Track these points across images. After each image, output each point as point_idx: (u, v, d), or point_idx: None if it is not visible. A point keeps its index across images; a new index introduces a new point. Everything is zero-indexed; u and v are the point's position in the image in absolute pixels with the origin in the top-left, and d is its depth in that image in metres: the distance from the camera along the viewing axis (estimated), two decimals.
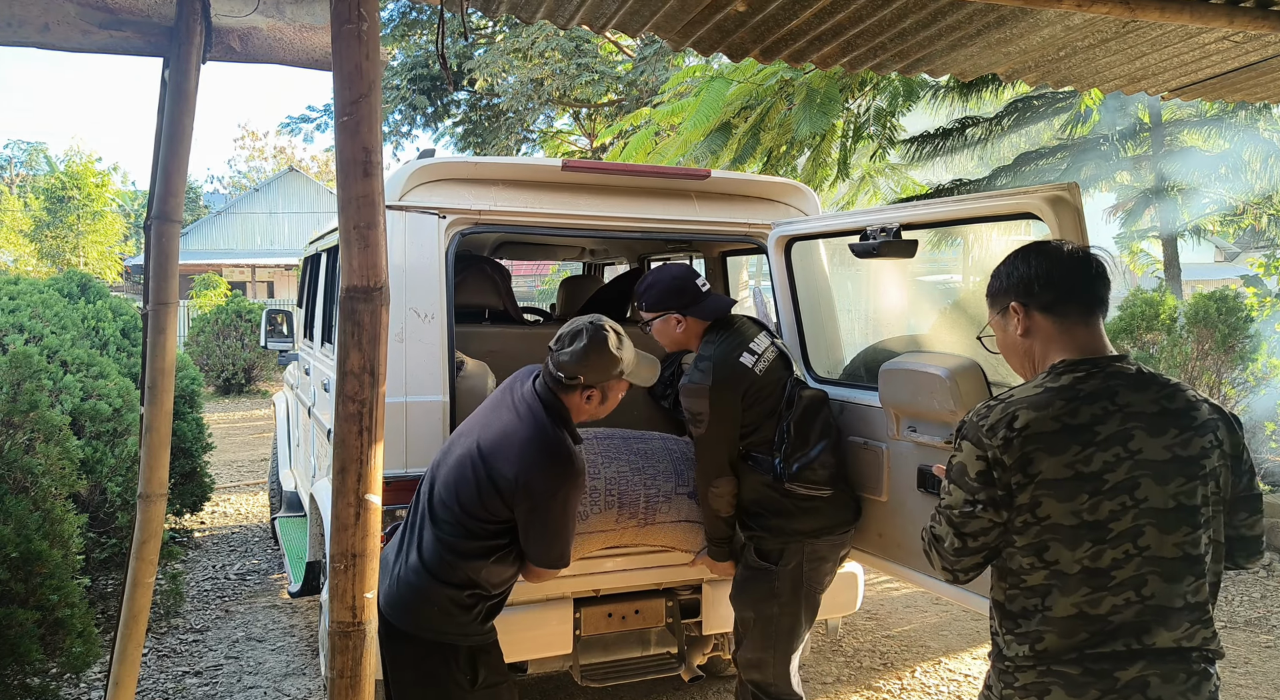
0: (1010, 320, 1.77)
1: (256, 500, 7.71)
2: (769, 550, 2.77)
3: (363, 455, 1.72)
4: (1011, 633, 1.68)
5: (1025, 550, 1.63)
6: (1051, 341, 1.72)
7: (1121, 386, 1.64)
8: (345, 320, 1.74)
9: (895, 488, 2.81)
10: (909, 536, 2.77)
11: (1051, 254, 1.75)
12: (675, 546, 3.06)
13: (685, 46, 2.71)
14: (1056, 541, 1.59)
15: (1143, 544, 1.58)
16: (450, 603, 2.30)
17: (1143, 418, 1.61)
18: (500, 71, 15.49)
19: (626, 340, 2.44)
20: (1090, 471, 1.58)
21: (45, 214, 20.18)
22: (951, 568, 1.74)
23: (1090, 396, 1.62)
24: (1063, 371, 1.67)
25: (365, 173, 1.74)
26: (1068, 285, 1.72)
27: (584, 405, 2.41)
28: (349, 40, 1.74)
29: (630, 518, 2.92)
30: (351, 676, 1.73)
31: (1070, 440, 1.59)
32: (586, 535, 2.86)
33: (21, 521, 3.13)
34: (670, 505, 2.96)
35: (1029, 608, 1.64)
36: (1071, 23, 2.53)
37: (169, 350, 2.24)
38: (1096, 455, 1.58)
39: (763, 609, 2.79)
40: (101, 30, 2.10)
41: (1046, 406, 1.62)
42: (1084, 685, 1.58)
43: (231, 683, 4.02)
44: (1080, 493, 1.58)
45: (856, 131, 7.95)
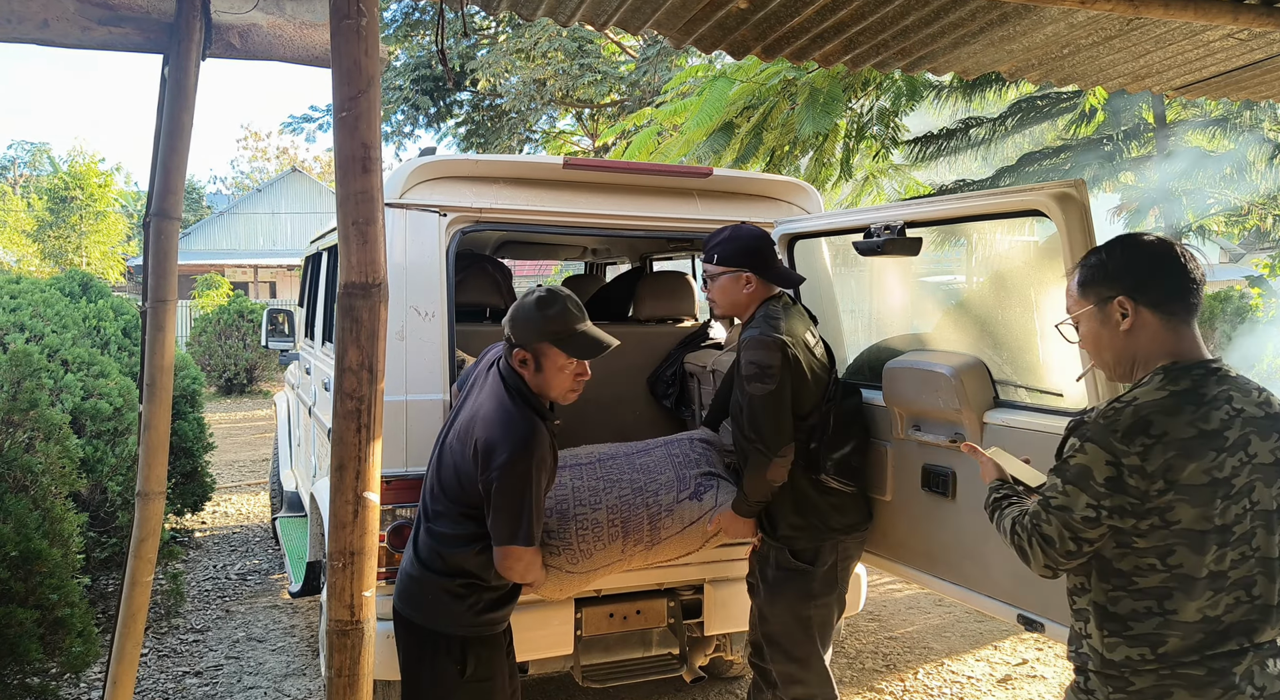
0: (1112, 314, 1.69)
1: (258, 500, 7.70)
2: (803, 550, 2.71)
3: (361, 452, 1.71)
4: (1119, 636, 1.64)
5: (1147, 553, 1.60)
6: (1157, 340, 1.67)
7: (1233, 390, 1.63)
8: (343, 316, 1.73)
9: (899, 487, 2.79)
10: (913, 536, 2.76)
11: (1158, 249, 1.69)
12: (682, 555, 2.94)
13: (687, 44, 2.70)
14: (1184, 546, 1.58)
15: (1255, 545, 1.60)
16: (442, 591, 2.31)
17: (1254, 422, 1.61)
18: (503, 72, 15.50)
19: (565, 306, 2.34)
20: (1222, 477, 1.58)
21: (48, 214, 20.22)
22: (1055, 566, 1.70)
23: (1214, 401, 1.60)
24: (1178, 375, 1.63)
25: (364, 168, 1.73)
26: (1176, 282, 1.66)
27: (531, 375, 2.34)
28: (348, 36, 1.73)
29: (636, 544, 2.79)
30: (350, 675, 1.72)
31: (1206, 446, 1.57)
32: (594, 573, 2.75)
33: (21, 520, 3.12)
34: (672, 517, 2.85)
35: (1141, 610, 1.62)
36: (1075, 20, 2.52)
37: (168, 348, 2.24)
38: (1227, 461, 1.58)
39: (800, 611, 2.73)
40: (101, 26, 2.09)
41: (1179, 412, 1.58)
42: (1207, 685, 1.58)
43: (232, 683, 4.01)
44: (1215, 498, 1.57)
45: (860, 131, 7.93)
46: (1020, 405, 2.50)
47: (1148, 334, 1.67)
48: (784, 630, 2.77)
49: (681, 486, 2.91)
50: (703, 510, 2.83)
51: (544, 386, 2.38)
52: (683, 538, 2.85)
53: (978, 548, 2.53)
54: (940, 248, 11.44)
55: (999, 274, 6.66)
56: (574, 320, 2.36)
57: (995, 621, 4.85)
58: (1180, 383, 1.62)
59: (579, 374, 2.41)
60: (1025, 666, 4.30)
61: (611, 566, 2.78)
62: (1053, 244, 3.08)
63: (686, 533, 2.85)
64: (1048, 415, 2.36)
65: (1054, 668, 4.30)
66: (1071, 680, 1.79)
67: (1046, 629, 2.31)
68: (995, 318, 3.59)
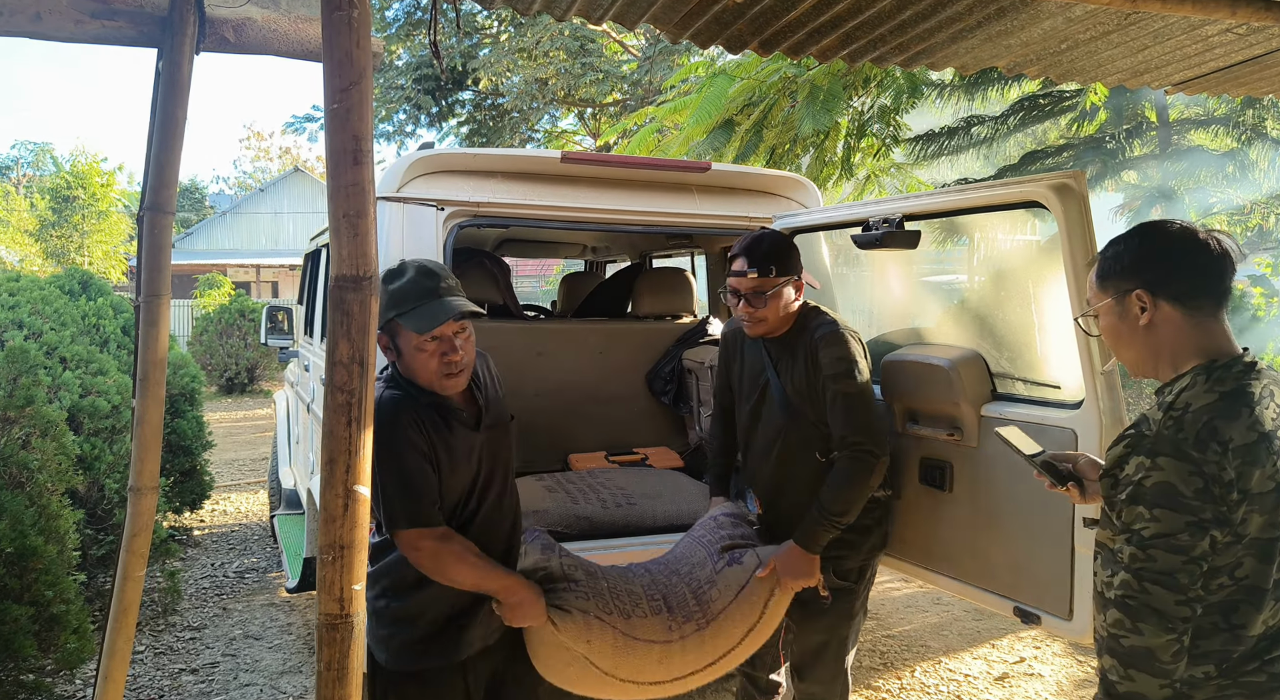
0: (1131, 308, 1.58)
1: (256, 499, 7.70)
2: (850, 569, 2.59)
3: (351, 446, 1.70)
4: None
5: (1220, 569, 1.47)
6: (1183, 336, 1.55)
7: (1273, 386, 1.53)
8: (334, 310, 1.72)
9: (898, 483, 2.78)
10: (912, 531, 2.75)
11: (1179, 236, 1.56)
12: (747, 632, 2.46)
13: (683, 38, 2.69)
14: (1251, 557, 1.46)
15: None
16: (370, 610, 2.12)
17: None
18: (505, 71, 15.50)
19: (412, 277, 2.11)
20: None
21: (50, 214, 20.24)
22: (1180, 619, 1.43)
23: (1261, 401, 1.49)
24: (1221, 374, 1.51)
25: (355, 161, 1.72)
26: (1200, 273, 1.54)
27: (398, 360, 2.13)
28: (339, 27, 1.72)
29: (686, 620, 2.39)
30: (339, 669, 1.71)
31: (1265, 450, 1.46)
32: (635, 644, 2.32)
33: (17, 517, 3.12)
34: (716, 588, 2.47)
35: (1207, 626, 1.49)
36: (1072, 14, 2.51)
37: (161, 343, 2.23)
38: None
39: (839, 631, 2.63)
40: (94, 20, 2.08)
41: (1236, 416, 1.46)
42: (1270, 691, 1.50)
43: (228, 680, 4.01)
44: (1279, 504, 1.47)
45: (860, 129, 7.92)
46: (1018, 398, 2.50)
47: (1171, 328, 1.56)
48: (820, 650, 2.65)
49: (715, 556, 2.57)
50: (747, 572, 2.47)
51: (411, 372, 2.11)
52: (740, 606, 2.43)
53: (974, 540, 2.52)
54: (941, 246, 11.43)
55: (999, 271, 6.65)
56: (421, 292, 2.08)
57: (993, 620, 4.83)
58: (1226, 383, 1.50)
59: (444, 353, 2.07)
60: (1023, 665, 4.29)
61: (660, 646, 2.31)
62: (1055, 241, 3.07)
63: (742, 599, 2.44)
64: (1045, 408, 2.36)
65: (1051, 666, 4.28)
66: None
67: (1043, 621, 2.30)
68: (994, 313, 3.58)
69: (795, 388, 2.54)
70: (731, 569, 2.50)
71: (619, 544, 3.17)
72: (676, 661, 2.35)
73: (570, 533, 3.17)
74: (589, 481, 3.57)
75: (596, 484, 3.53)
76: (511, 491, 2.36)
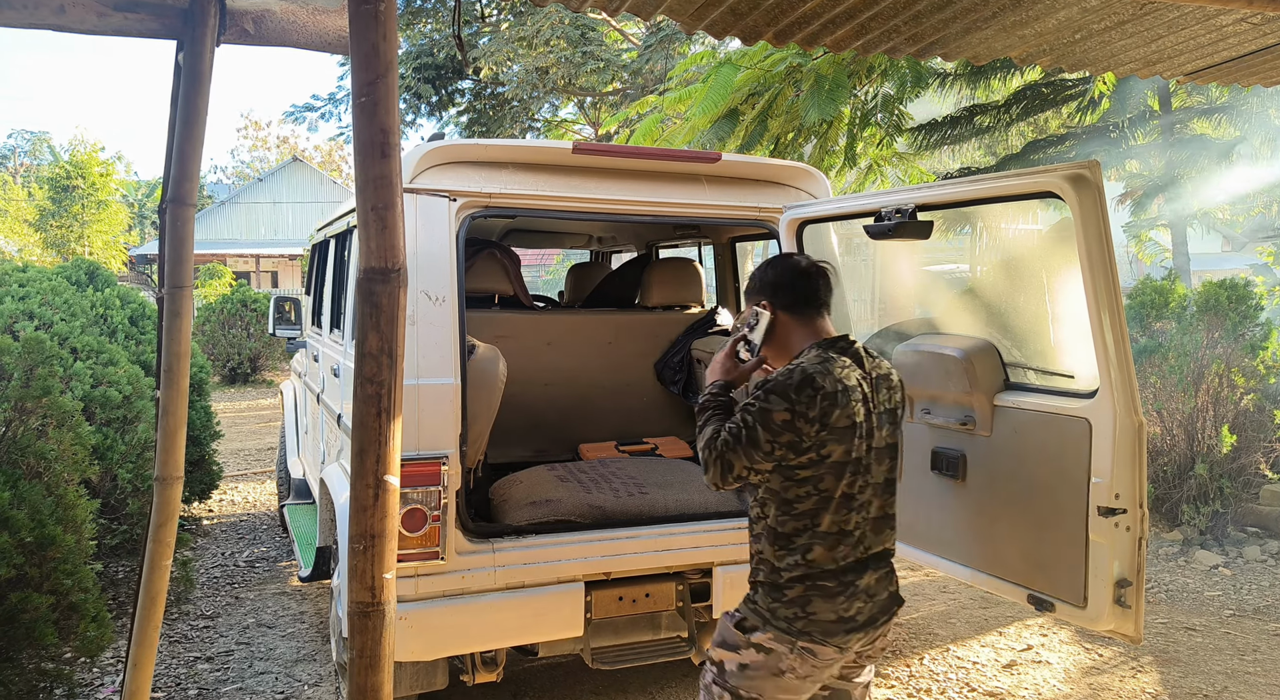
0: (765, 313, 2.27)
1: (264, 488, 7.73)
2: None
3: (381, 436, 1.73)
4: (784, 549, 2.13)
5: (804, 482, 2.05)
6: (798, 331, 2.21)
7: (858, 360, 2.15)
8: (363, 302, 1.74)
9: (908, 471, 2.80)
10: (921, 520, 2.77)
11: (786, 266, 2.23)
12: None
13: (698, 29, 2.69)
14: (830, 475, 2.04)
15: (873, 473, 2.11)
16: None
17: (874, 380, 2.14)
18: (505, 60, 15.44)
19: None
20: (859, 422, 2.06)
21: (50, 203, 20.21)
22: (725, 485, 2.14)
23: (849, 365, 2.11)
24: (826, 346, 2.13)
25: (383, 154, 1.74)
26: (802, 290, 2.22)
27: None
28: (366, 20, 1.73)
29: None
30: (371, 656, 1.74)
31: (845, 398, 2.03)
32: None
33: (35, 506, 3.15)
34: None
35: (799, 527, 2.08)
36: (1089, 4, 2.51)
37: (184, 334, 2.25)
38: (860, 408, 2.07)
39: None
40: (117, 12, 2.09)
41: (828, 373, 2.04)
42: (836, 594, 2.07)
43: (243, 668, 4.04)
44: (853, 437, 2.04)
45: (864, 118, 7.91)
46: (1031, 388, 2.52)
47: (787, 328, 2.20)
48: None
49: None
50: None
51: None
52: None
53: (988, 529, 2.55)
54: (944, 237, 11.43)
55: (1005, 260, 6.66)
56: None
57: (1000, 608, 4.87)
58: (828, 352, 2.10)
59: None
60: (1030, 652, 4.33)
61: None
62: (1061, 229, 3.08)
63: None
64: (1060, 397, 2.37)
65: (1059, 653, 4.32)
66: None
67: (1057, 608, 2.33)
68: (1003, 303, 3.59)
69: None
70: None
71: (632, 533, 3.20)
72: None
73: (584, 522, 3.20)
74: (600, 471, 3.60)
75: (608, 473, 3.56)
76: None
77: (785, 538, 2.07)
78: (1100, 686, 3.97)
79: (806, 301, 2.18)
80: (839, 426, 2.01)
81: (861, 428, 2.06)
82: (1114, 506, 2.17)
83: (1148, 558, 5.14)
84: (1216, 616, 4.82)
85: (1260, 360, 5.89)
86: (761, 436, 1.99)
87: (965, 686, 3.94)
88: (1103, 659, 4.26)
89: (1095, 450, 2.21)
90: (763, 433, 1.99)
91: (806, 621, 2.05)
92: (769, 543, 2.11)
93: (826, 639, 2.05)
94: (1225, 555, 5.69)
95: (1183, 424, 5.86)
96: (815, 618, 2.05)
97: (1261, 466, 5.86)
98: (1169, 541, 5.91)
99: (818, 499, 2.04)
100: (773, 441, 1.99)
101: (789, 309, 2.18)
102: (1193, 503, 5.83)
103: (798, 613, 2.05)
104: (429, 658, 2.97)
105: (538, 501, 3.28)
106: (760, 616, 2.10)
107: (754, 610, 2.12)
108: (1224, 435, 5.73)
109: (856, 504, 2.07)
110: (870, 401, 2.10)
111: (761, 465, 2.03)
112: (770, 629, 2.07)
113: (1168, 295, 6.45)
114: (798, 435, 1.99)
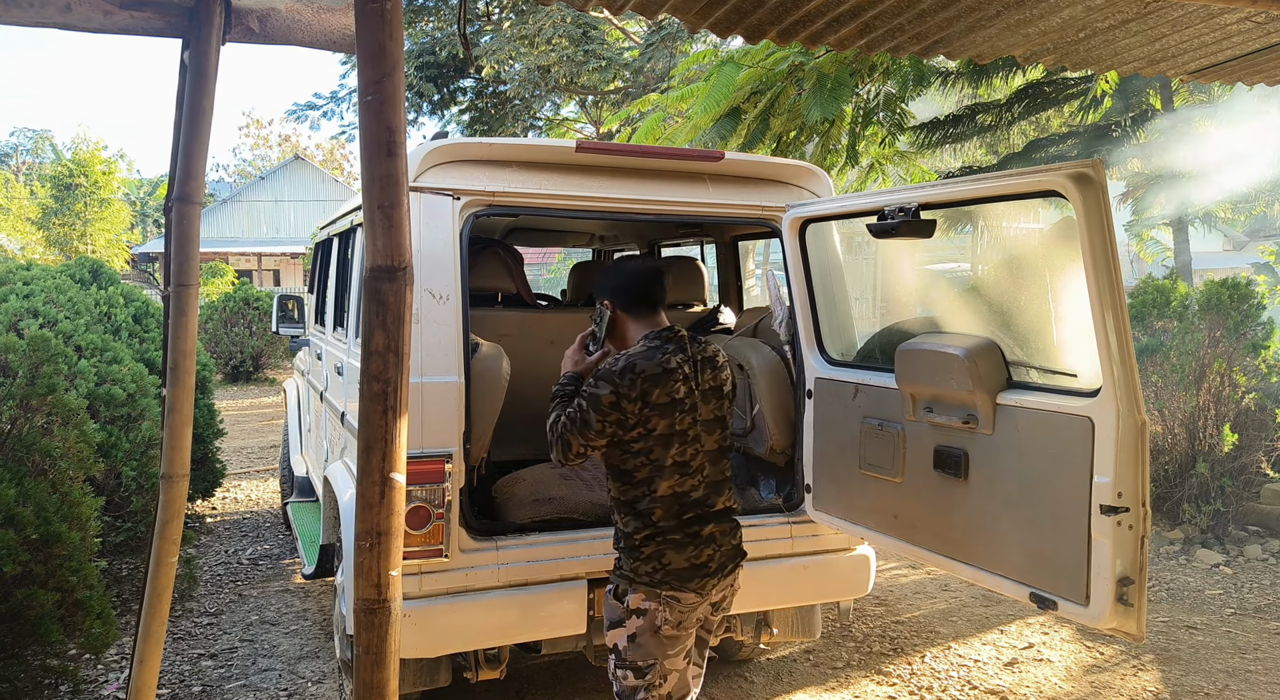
0: (606, 312, 2.58)
1: (267, 486, 7.75)
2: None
3: (387, 434, 1.74)
4: (629, 514, 2.49)
5: (638, 453, 2.37)
6: (632, 327, 2.55)
7: (686, 344, 2.49)
8: (370, 300, 1.75)
9: (911, 469, 2.81)
10: (925, 518, 2.78)
11: (627, 269, 2.57)
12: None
13: (703, 28, 2.70)
14: (659, 446, 2.36)
15: (702, 442, 2.45)
16: None
17: (697, 362, 2.48)
18: (507, 58, 15.43)
19: None
20: (679, 398, 2.38)
21: (52, 202, 20.22)
22: (568, 461, 2.49)
23: (673, 353, 2.44)
24: (654, 336, 2.46)
25: (389, 152, 1.75)
26: (637, 291, 2.55)
27: None
28: (372, 19, 1.74)
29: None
30: (377, 652, 1.75)
31: (667, 379, 2.37)
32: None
33: (41, 504, 3.16)
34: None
35: (638, 495, 2.42)
36: (1092, 3, 2.52)
37: (190, 332, 2.25)
38: (680, 387, 2.39)
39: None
40: (123, 11, 2.10)
41: (651, 358, 2.38)
42: (686, 543, 2.42)
43: (246, 665, 4.06)
44: (675, 412, 2.36)
45: (866, 117, 7.91)
46: (1034, 386, 2.52)
47: (626, 324, 2.54)
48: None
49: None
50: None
51: None
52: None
53: (990, 527, 2.55)
54: (946, 235, 11.43)
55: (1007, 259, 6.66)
56: None
57: (1001, 606, 4.88)
58: (653, 341, 2.42)
59: None
60: (1031, 650, 4.34)
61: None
62: (1064, 227, 3.08)
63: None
64: (1062, 396, 2.38)
65: (1060, 652, 4.33)
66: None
67: (1059, 606, 2.34)
68: (1006, 301, 3.60)
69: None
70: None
71: None
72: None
73: (587, 519, 3.21)
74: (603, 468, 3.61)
75: None
76: None
77: (629, 505, 2.43)
78: (1102, 685, 3.98)
79: (642, 301, 2.52)
80: (660, 403, 2.35)
81: (684, 403, 2.39)
82: (1116, 505, 2.17)
83: (1149, 556, 5.15)
84: (1218, 615, 4.83)
85: (1262, 359, 5.90)
86: (593, 418, 2.34)
87: (967, 684, 3.94)
88: (1104, 657, 4.27)
89: (1098, 449, 2.21)
90: (594, 415, 2.33)
91: (664, 572, 2.39)
92: (619, 512, 2.47)
93: (684, 584, 2.40)
94: (1226, 554, 5.70)
95: (1184, 423, 5.87)
96: (671, 568, 2.40)
97: (1263, 465, 5.86)
98: (1170, 540, 5.92)
99: (651, 468, 2.39)
100: (602, 421, 2.33)
101: (626, 308, 2.53)
102: (1194, 501, 5.84)
103: (656, 566, 2.40)
104: (432, 655, 2.98)
105: (541, 499, 3.29)
106: (627, 579, 2.44)
107: (621, 576, 2.46)
108: (1225, 434, 5.74)
109: (690, 470, 2.42)
110: (693, 381, 2.43)
111: (596, 442, 2.37)
112: (638, 588, 2.41)
113: (1169, 294, 6.45)
114: (623, 413, 2.33)
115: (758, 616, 3.57)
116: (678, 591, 2.39)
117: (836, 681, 3.95)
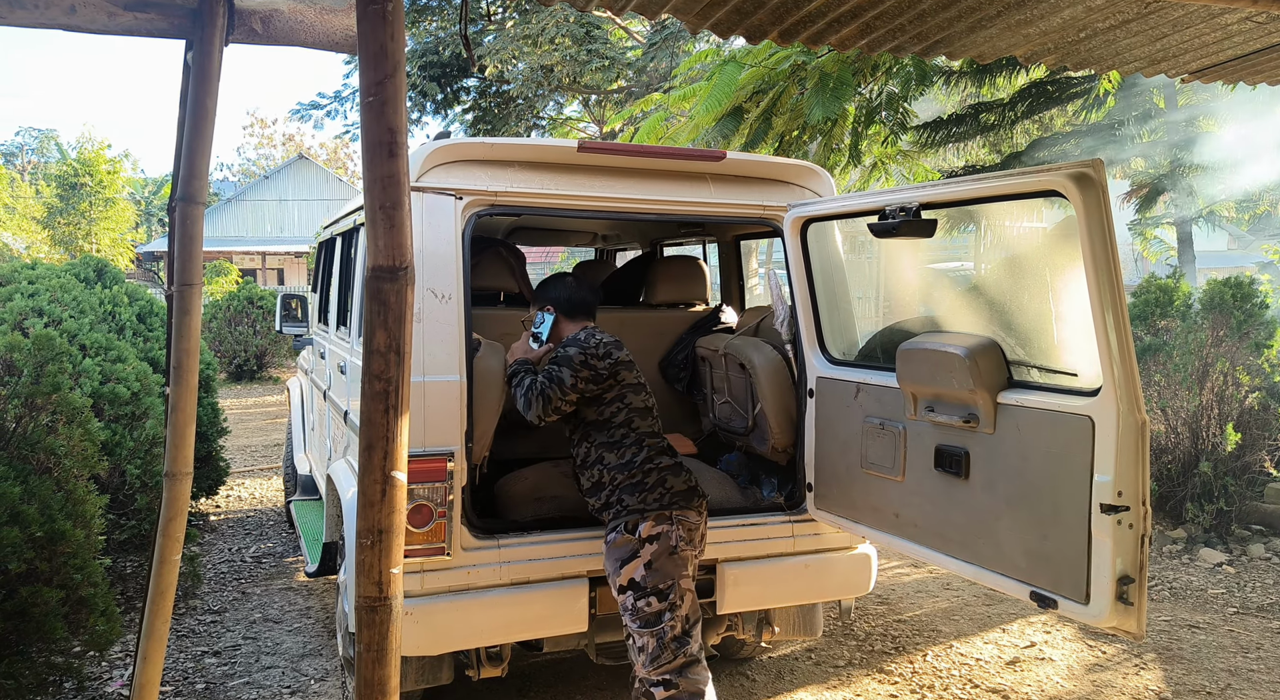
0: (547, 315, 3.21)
1: (270, 484, 7.77)
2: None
3: (389, 432, 1.75)
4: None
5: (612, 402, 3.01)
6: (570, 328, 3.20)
7: (607, 336, 3.05)
8: (371, 300, 1.76)
9: (912, 468, 2.82)
10: (926, 517, 2.79)
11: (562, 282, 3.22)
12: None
13: (704, 28, 2.70)
14: (631, 392, 2.99)
15: (633, 403, 3.00)
16: None
17: (617, 344, 3.03)
18: (510, 58, 15.45)
19: None
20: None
21: (57, 201, 20.28)
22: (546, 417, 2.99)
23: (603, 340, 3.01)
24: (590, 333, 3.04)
25: (390, 153, 1.75)
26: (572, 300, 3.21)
27: None
28: (374, 20, 1.75)
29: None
30: (378, 650, 1.76)
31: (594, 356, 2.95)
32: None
33: (45, 501, 3.17)
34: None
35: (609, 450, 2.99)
36: (1093, 3, 2.52)
37: (194, 331, 2.27)
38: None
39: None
40: (126, 12, 2.11)
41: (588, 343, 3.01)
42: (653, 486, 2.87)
43: (250, 662, 4.07)
44: (630, 370, 2.98)
45: (868, 117, 7.90)
46: (1035, 385, 2.52)
47: (565, 325, 3.17)
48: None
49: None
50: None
51: None
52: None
53: (991, 526, 2.56)
54: (948, 234, 11.43)
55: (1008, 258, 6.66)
56: None
57: (1003, 605, 4.88)
58: (590, 330, 3.00)
59: None
60: (1033, 649, 4.34)
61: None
62: (1064, 227, 3.09)
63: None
64: (1063, 395, 2.38)
65: (1062, 650, 4.33)
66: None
67: (1059, 605, 2.34)
68: (1007, 301, 3.60)
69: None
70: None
71: None
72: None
73: (588, 518, 3.22)
74: None
75: None
76: None
77: (616, 444, 2.89)
78: (1103, 683, 3.98)
79: (578, 309, 3.18)
80: (622, 361, 2.94)
81: (630, 364, 2.98)
82: (1117, 504, 2.18)
83: (1151, 555, 5.14)
84: (1220, 614, 4.83)
85: (1265, 358, 5.89)
86: (566, 374, 2.86)
87: (968, 683, 3.95)
88: (1106, 656, 4.27)
89: (1098, 448, 2.22)
90: (567, 371, 2.86)
91: (670, 495, 2.82)
92: (609, 453, 2.89)
93: (688, 505, 2.84)
94: (1229, 553, 5.70)
95: (1187, 422, 5.86)
96: (674, 490, 2.83)
97: (1266, 465, 5.86)
98: (1173, 539, 5.91)
99: (628, 411, 2.93)
100: (575, 375, 2.86)
101: (567, 314, 3.17)
102: (1197, 500, 5.83)
103: (661, 491, 2.81)
104: (434, 653, 2.99)
105: (542, 498, 3.30)
106: (635, 512, 2.79)
107: (627, 511, 2.80)
108: (1228, 433, 5.73)
109: (650, 416, 2.99)
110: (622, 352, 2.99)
111: (570, 396, 2.87)
112: (649, 516, 2.77)
113: (1172, 293, 6.44)
114: (593, 370, 2.88)
115: (759, 615, 3.58)
116: (685, 509, 2.82)
117: (838, 680, 3.95)
